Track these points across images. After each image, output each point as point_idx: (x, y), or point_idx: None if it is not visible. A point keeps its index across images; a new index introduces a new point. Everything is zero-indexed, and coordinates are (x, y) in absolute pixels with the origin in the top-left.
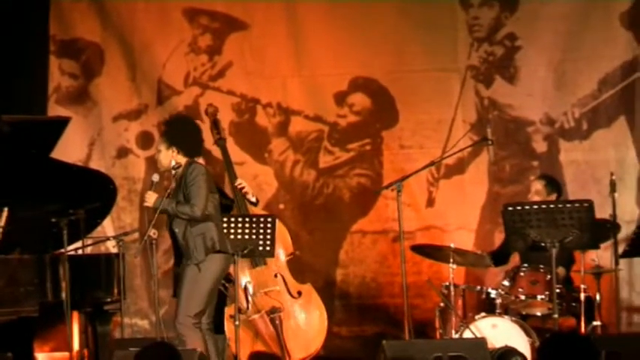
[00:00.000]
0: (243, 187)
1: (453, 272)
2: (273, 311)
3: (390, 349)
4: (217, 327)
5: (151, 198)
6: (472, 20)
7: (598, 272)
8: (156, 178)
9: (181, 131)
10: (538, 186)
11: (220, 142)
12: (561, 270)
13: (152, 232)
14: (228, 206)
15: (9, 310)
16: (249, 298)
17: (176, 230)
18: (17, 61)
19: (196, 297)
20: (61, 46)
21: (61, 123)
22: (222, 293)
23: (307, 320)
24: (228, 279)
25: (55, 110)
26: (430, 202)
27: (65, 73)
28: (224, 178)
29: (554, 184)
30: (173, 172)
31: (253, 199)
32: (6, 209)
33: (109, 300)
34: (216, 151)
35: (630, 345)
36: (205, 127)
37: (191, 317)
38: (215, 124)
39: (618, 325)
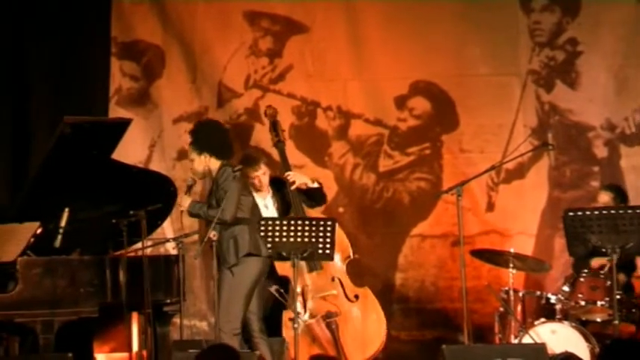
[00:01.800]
0: (294, 182)
1: (512, 277)
2: (329, 315)
3: (449, 354)
4: (273, 330)
5: (185, 202)
6: (533, 25)
7: None
8: (191, 182)
9: (209, 136)
10: (606, 198)
11: (279, 144)
12: (622, 276)
13: (212, 234)
14: (289, 208)
15: (69, 311)
16: (306, 303)
17: (213, 233)
18: (79, 62)
19: (234, 303)
20: (122, 48)
21: (123, 124)
22: (280, 296)
23: (365, 324)
24: (286, 283)
25: (116, 112)
26: (490, 207)
27: (126, 75)
28: (281, 180)
29: (622, 195)
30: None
31: (315, 185)
32: (67, 210)
33: (168, 301)
34: (276, 154)
35: None
36: (266, 128)
37: (231, 323)
38: (274, 126)
39: None
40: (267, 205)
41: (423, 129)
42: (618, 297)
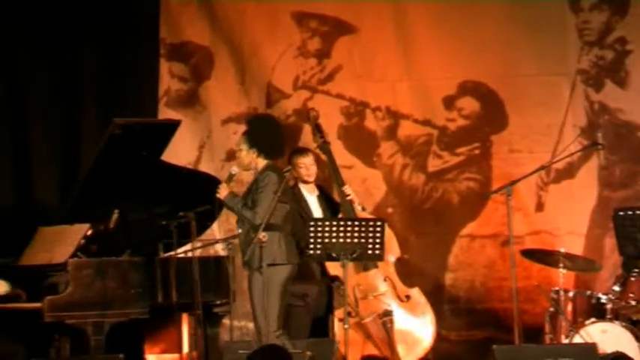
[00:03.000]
0: (349, 195)
1: (562, 277)
2: (385, 314)
3: (500, 354)
4: (321, 330)
5: (224, 191)
6: (582, 24)
7: None
8: (234, 171)
9: (263, 133)
10: None
11: (324, 145)
12: None
13: (262, 235)
14: (334, 212)
15: (120, 312)
16: (358, 302)
17: (239, 231)
18: (128, 64)
19: (270, 308)
20: (170, 49)
21: (172, 126)
22: (331, 296)
23: (415, 324)
24: (338, 282)
25: (165, 113)
26: (540, 207)
27: (175, 77)
28: (330, 183)
29: None
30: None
31: (359, 208)
32: (116, 212)
33: (218, 302)
34: (323, 155)
35: None
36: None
37: (272, 326)
38: (317, 129)
39: None
40: (313, 202)
41: (472, 129)
42: None
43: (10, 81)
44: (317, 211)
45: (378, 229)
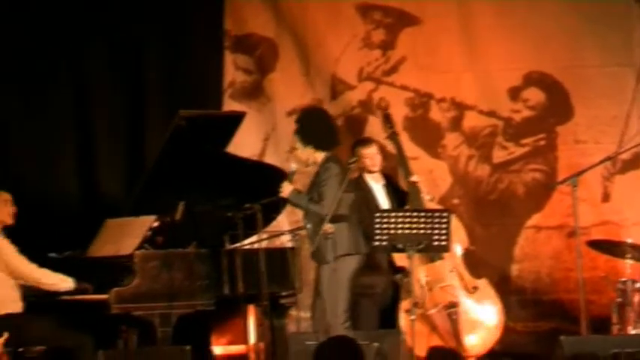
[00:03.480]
0: (417, 185)
1: (629, 268)
2: (450, 306)
3: (567, 345)
4: (388, 321)
5: (286, 189)
6: None
7: None
8: (293, 168)
9: (315, 126)
10: None
11: (393, 136)
12: None
13: (327, 227)
14: (401, 201)
15: (186, 304)
16: (425, 293)
17: (307, 226)
18: (193, 56)
19: (338, 298)
20: (235, 41)
21: (237, 118)
22: (397, 287)
23: (483, 315)
24: (404, 274)
25: (229, 105)
26: (606, 197)
27: (239, 69)
28: (397, 173)
29: None
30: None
31: (428, 197)
32: (182, 203)
33: (284, 294)
34: (390, 146)
35: None
36: (378, 121)
37: (339, 318)
38: (386, 119)
39: None
40: (379, 191)
41: (538, 120)
42: None
43: (75, 73)
44: (384, 200)
45: (444, 220)
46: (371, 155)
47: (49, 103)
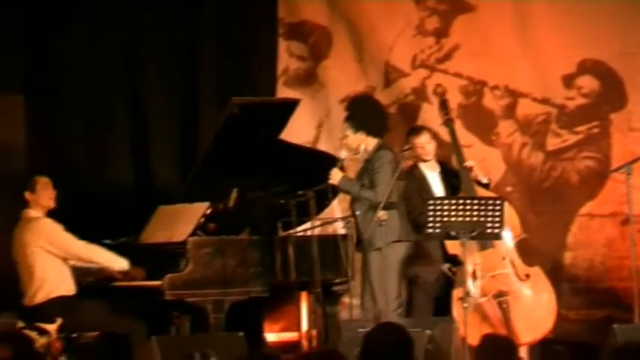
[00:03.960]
0: (472, 167)
1: None
2: (499, 295)
3: (620, 333)
4: (442, 309)
5: (336, 176)
6: None
7: None
8: (343, 155)
9: (367, 112)
10: None
11: (448, 123)
12: None
13: (381, 214)
14: (456, 188)
15: (240, 290)
16: (477, 282)
17: (357, 213)
18: (246, 44)
19: (389, 284)
20: (289, 28)
21: (291, 105)
22: (449, 276)
23: (536, 303)
24: (456, 262)
25: (283, 92)
26: None
27: (293, 56)
28: (451, 160)
29: None
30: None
31: (485, 180)
32: (235, 191)
33: (337, 281)
34: (444, 133)
35: None
36: (434, 108)
37: (392, 304)
38: (443, 105)
39: None
40: (434, 179)
41: (592, 108)
42: None
43: (128, 60)
44: (438, 188)
45: (498, 207)
46: (423, 144)
47: (103, 91)
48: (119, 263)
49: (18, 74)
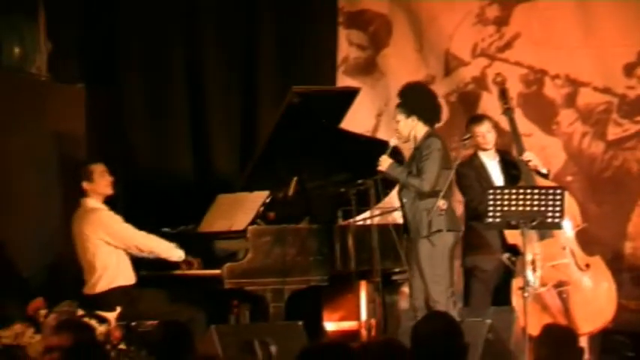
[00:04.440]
0: (530, 161)
1: None
2: (559, 285)
3: None
4: (501, 299)
5: (385, 162)
6: None
7: None
8: (394, 142)
9: (419, 99)
10: None
11: (508, 112)
12: None
13: (441, 203)
14: (516, 177)
15: (299, 279)
16: (537, 271)
17: (404, 200)
18: (306, 33)
19: (440, 272)
20: (349, 17)
21: (351, 94)
22: (509, 265)
23: (596, 293)
24: (516, 251)
25: (343, 81)
26: None
27: (353, 44)
28: (511, 149)
29: None
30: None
31: (544, 170)
32: (295, 179)
33: (396, 270)
34: (503, 122)
35: None
36: (494, 97)
37: (443, 293)
38: (503, 94)
39: None
40: (493, 168)
41: None
42: None
43: (188, 47)
44: (498, 177)
45: (558, 197)
46: (483, 133)
47: (163, 80)
48: (176, 254)
49: (79, 63)
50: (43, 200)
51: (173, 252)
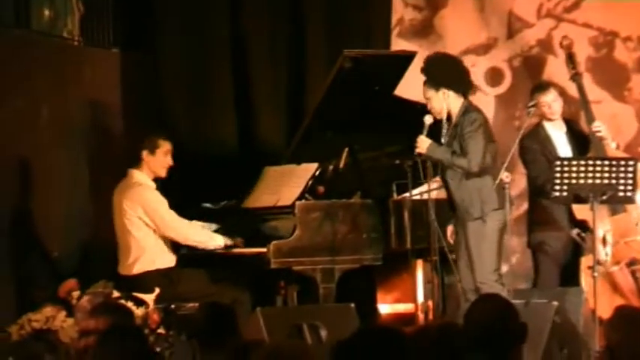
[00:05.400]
0: (599, 132)
1: None
2: (633, 263)
3: None
4: (569, 279)
5: (424, 143)
6: None
7: None
8: (429, 120)
9: (445, 69)
10: None
11: (576, 77)
12: None
13: (505, 176)
14: (584, 148)
15: (351, 258)
16: (608, 249)
17: (450, 181)
18: None
19: (489, 252)
20: None
21: (407, 58)
22: (578, 243)
23: None
24: (585, 227)
25: (397, 44)
26: None
27: (409, 5)
28: (579, 118)
29: None
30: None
31: (613, 145)
32: (346, 150)
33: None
34: (571, 89)
35: None
36: (561, 61)
37: (492, 274)
38: (570, 58)
39: None
40: (559, 139)
41: None
42: None
43: (230, 8)
44: (564, 148)
45: (630, 168)
46: (549, 103)
47: (205, 46)
48: (214, 242)
49: (113, 26)
50: (74, 174)
51: (211, 241)
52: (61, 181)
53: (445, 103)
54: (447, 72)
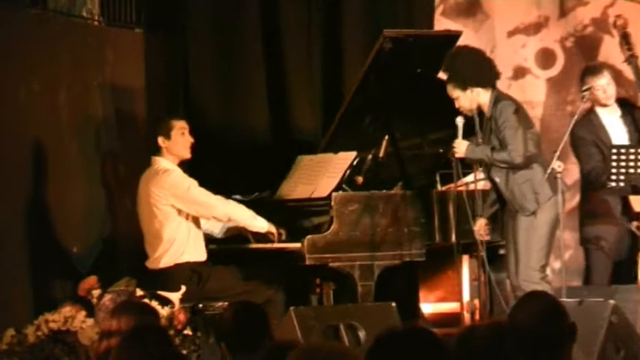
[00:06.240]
0: None
1: None
2: None
3: None
4: (626, 276)
5: (462, 146)
6: None
7: None
8: (461, 121)
9: (470, 65)
10: None
11: (631, 59)
12: None
13: (557, 165)
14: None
15: (392, 254)
16: None
17: (497, 180)
18: None
19: (536, 248)
20: None
21: (452, 38)
22: (634, 236)
23: None
24: (635, 221)
25: (441, 24)
26: None
27: None
28: (636, 102)
29: None
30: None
31: None
32: (386, 138)
33: (504, 243)
34: (627, 71)
35: None
36: (614, 42)
37: (537, 271)
38: (625, 39)
39: None
40: (613, 125)
41: None
42: None
43: None
44: (619, 134)
45: None
46: (603, 87)
47: (233, 24)
48: (258, 223)
49: (136, 5)
50: (94, 162)
51: (255, 221)
52: (80, 170)
53: (474, 100)
54: (472, 68)
